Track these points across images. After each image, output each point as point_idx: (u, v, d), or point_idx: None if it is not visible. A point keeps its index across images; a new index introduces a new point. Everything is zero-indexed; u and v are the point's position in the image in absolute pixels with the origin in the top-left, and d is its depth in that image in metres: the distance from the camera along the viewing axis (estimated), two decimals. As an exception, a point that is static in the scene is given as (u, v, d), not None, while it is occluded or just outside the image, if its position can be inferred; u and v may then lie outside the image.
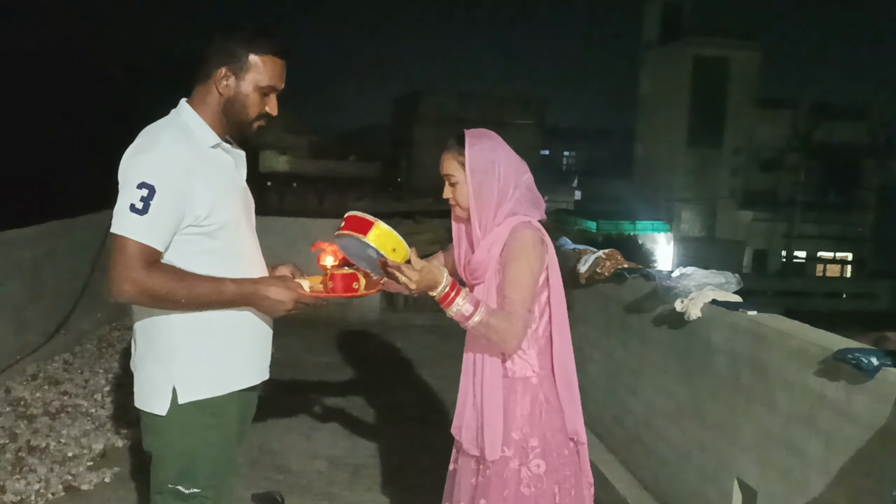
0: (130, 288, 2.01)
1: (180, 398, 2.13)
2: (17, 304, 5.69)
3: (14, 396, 5.00)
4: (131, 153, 2.08)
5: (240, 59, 2.14)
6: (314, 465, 4.38)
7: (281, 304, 2.14)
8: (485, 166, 2.29)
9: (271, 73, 2.18)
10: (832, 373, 2.50)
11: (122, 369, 5.71)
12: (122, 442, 4.47)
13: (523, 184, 2.33)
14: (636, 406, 4.07)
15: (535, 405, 2.31)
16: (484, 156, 2.30)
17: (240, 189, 2.28)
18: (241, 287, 2.12)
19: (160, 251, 2.04)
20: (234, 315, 2.19)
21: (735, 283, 3.35)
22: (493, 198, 2.30)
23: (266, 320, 2.28)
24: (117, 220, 2.02)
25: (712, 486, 3.23)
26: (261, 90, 2.18)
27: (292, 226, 8.35)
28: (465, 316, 2.17)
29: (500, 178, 2.29)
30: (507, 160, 2.32)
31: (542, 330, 2.34)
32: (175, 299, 2.05)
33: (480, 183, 2.29)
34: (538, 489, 2.28)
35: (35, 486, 3.79)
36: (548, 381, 2.34)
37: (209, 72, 2.17)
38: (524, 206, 2.32)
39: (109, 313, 7.17)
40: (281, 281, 2.16)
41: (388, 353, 6.93)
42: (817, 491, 2.54)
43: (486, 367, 2.33)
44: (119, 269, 2.00)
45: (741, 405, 3.06)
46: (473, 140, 2.32)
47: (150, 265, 2.01)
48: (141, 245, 2.00)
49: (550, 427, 2.31)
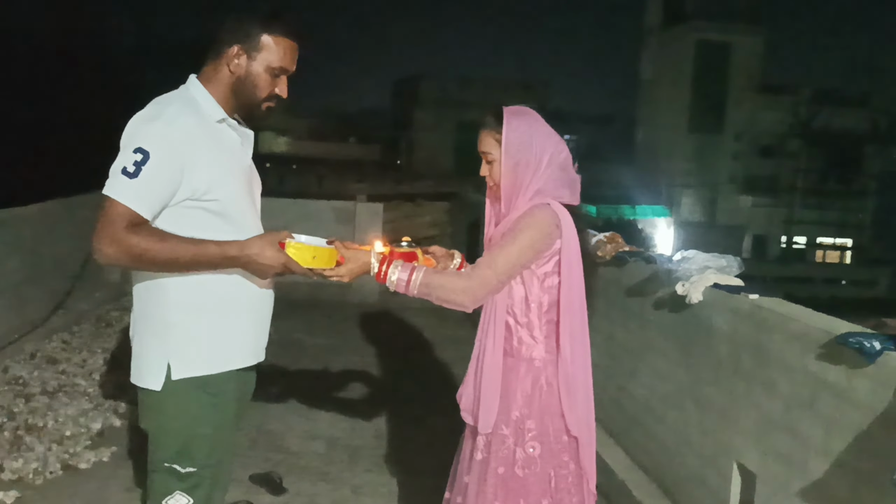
0: (109, 247, 1.98)
1: (174, 374, 2.12)
2: (16, 283, 5.69)
3: (12, 375, 5.00)
4: (137, 119, 2.08)
5: (253, 39, 2.14)
6: (313, 445, 4.39)
7: (269, 267, 2.09)
8: (521, 145, 2.24)
9: (283, 54, 2.17)
10: (834, 357, 2.49)
11: (121, 349, 5.70)
12: (120, 422, 4.47)
13: (557, 163, 2.27)
14: (636, 389, 4.07)
15: (535, 387, 2.29)
16: (521, 134, 2.25)
17: (244, 167, 2.26)
18: (226, 248, 2.07)
19: (145, 217, 2.01)
20: (232, 293, 2.17)
21: (737, 266, 3.33)
22: (527, 176, 2.24)
23: (264, 300, 2.26)
24: (109, 181, 2.01)
25: (712, 469, 3.23)
26: (272, 71, 2.17)
27: (292, 207, 8.34)
28: (403, 283, 2.20)
29: (535, 157, 2.24)
30: (545, 139, 2.27)
31: (553, 315, 2.31)
32: (156, 260, 2.02)
33: (516, 161, 2.24)
34: (531, 472, 2.26)
35: (33, 464, 3.79)
36: (552, 365, 2.31)
37: (221, 50, 2.16)
38: (554, 186, 2.26)
39: (108, 293, 7.16)
40: (269, 243, 2.09)
41: (388, 336, 6.93)
42: (817, 475, 2.53)
43: (490, 344, 2.31)
44: (101, 229, 1.99)
45: (741, 389, 3.05)
46: (511, 118, 2.27)
47: (132, 228, 1.99)
48: (126, 208, 1.98)
49: (549, 411, 2.29)
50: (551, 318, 2.31)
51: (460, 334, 7.05)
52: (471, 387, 2.38)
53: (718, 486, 3.17)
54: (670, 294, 3.53)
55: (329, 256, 2.16)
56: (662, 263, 3.60)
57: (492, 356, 2.31)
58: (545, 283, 2.29)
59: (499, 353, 2.30)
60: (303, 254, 2.11)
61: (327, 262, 2.15)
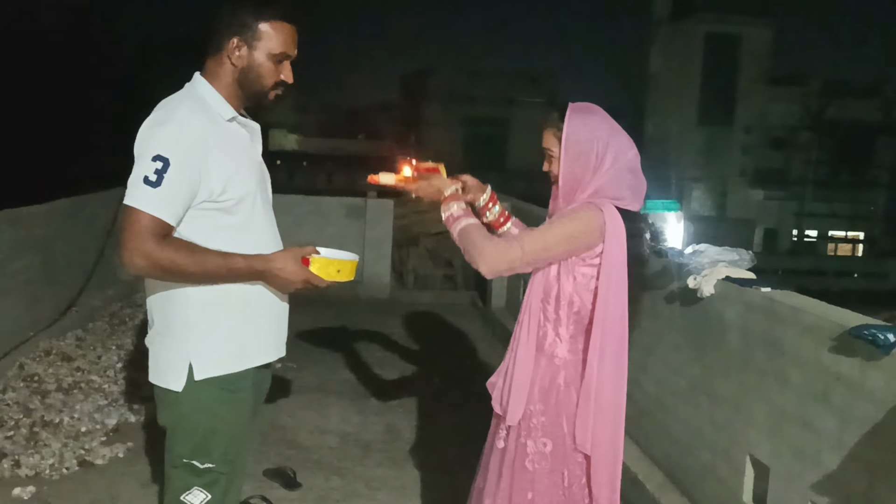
0: (141, 261, 2.00)
1: (197, 374, 2.13)
2: (30, 280, 5.72)
3: (28, 372, 5.04)
4: (148, 125, 2.07)
5: (250, 29, 2.12)
6: (325, 440, 4.41)
7: (291, 282, 2.13)
8: (580, 142, 2.19)
9: (283, 39, 2.16)
10: (847, 349, 2.48)
11: (135, 346, 5.74)
12: (135, 417, 4.50)
13: (623, 164, 2.21)
14: (647, 383, 4.06)
15: (552, 384, 2.27)
16: (582, 131, 2.19)
17: (255, 163, 2.27)
18: (252, 262, 2.11)
19: (172, 225, 2.03)
20: (251, 291, 2.18)
21: (749, 259, 3.33)
22: (587, 174, 2.19)
23: (282, 297, 2.27)
24: (131, 191, 2.01)
25: (724, 462, 3.23)
26: (274, 58, 2.16)
27: (302, 203, 8.34)
28: (452, 218, 2.30)
29: (597, 156, 2.18)
30: (609, 138, 2.20)
31: (584, 316, 2.26)
32: (185, 273, 2.05)
33: (575, 159, 2.19)
34: (541, 468, 2.24)
35: (49, 460, 3.83)
36: (574, 366, 2.27)
37: (221, 44, 2.15)
38: (615, 186, 2.20)
39: (121, 290, 7.20)
40: (292, 258, 2.12)
41: (398, 331, 6.94)
42: (831, 468, 2.53)
43: (524, 336, 2.30)
44: (131, 242, 1.99)
45: (754, 382, 3.05)
46: (574, 114, 2.22)
47: (161, 238, 2.00)
48: (153, 218, 1.99)
49: (566, 411, 2.26)
50: (581, 320, 2.26)
51: (470, 329, 7.07)
52: (503, 376, 2.37)
53: (731, 479, 3.17)
54: (682, 288, 3.53)
55: (352, 269, 2.19)
56: (674, 257, 3.60)
57: (525, 349, 2.29)
58: (579, 282, 2.24)
59: (532, 346, 2.28)
60: (327, 269, 2.14)
61: (350, 275, 2.19)
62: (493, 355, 5.91)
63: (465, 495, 2.53)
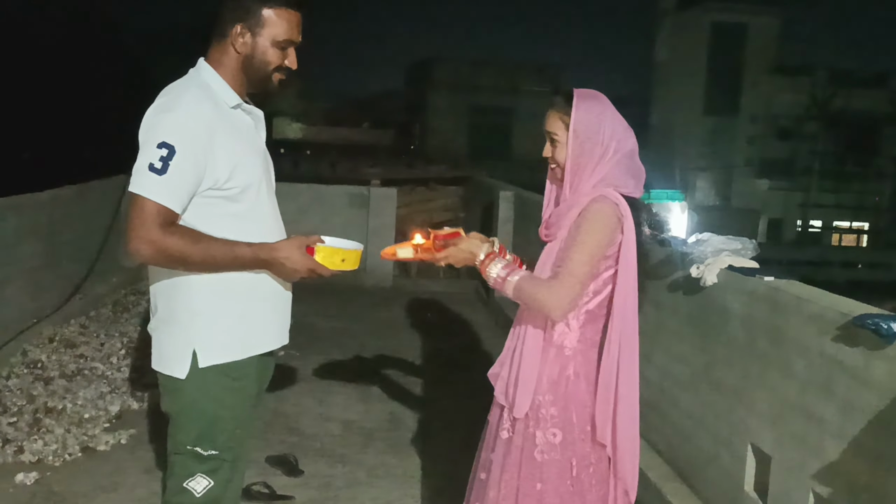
0: (146, 248, 2.00)
1: (201, 362, 2.13)
2: (34, 267, 5.73)
3: (31, 359, 5.05)
4: (153, 112, 2.07)
5: (254, 15, 2.12)
6: (328, 428, 4.42)
7: (296, 271, 2.13)
8: (589, 129, 2.19)
9: (287, 25, 2.15)
10: (850, 339, 2.47)
11: (138, 333, 5.75)
12: (138, 404, 4.51)
13: (625, 151, 2.22)
14: (650, 372, 4.06)
15: (561, 375, 2.24)
16: (590, 118, 2.20)
17: (260, 151, 2.26)
18: (257, 251, 2.10)
19: (177, 213, 2.03)
20: (255, 279, 2.18)
21: (752, 249, 3.31)
22: (592, 161, 2.20)
23: (286, 285, 2.27)
24: (136, 178, 2.00)
25: (726, 451, 3.23)
26: (278, 44, 2.15)
27: (306, 192, 8.35)
28: (501, 280, 2.20)
29: (603, 143, 2.19)
30: (614, 125, 2.22)
31: (594, 305, 2.23)
32: (190, 261, 2.04)
33: (582, 144, 2.20)
34: (550, 458, 2.23)
35: (52, 446, 3.84)
36: (583, 356, 2.25)
37: (225, 31, 2.14)
38: (619, 174, 2.21)
39: (124, 278, 7.21)
40: (297, 247, 2.12)
41: (402, 319, 6.95)
42: (833, 457, 2.53)
43: (529, 329, 2.27)
44: (136, 229, 1.99)
45: (756, 371, 3.04)
46: (581, 100, 2.21)
47: (166, 226, 2.00)
48: (158, 205, 1.98)
49: (575, 401, 2.24)
50: (591, 308, 2.24)
51: (474, 318, 7.07)
52: (507, 367, 2.34)
53: (733, 468, 3.17)
54: (685, 277, 3.52)
55: (357, 258, 2.20)
56: (677, 246, 3.58)
57: (533, 339, 2.27)
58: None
59: (539, 337, 2.26)
60: (332, 258, 2.15)
61: (355, 264, 2.20)
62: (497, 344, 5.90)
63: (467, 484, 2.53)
